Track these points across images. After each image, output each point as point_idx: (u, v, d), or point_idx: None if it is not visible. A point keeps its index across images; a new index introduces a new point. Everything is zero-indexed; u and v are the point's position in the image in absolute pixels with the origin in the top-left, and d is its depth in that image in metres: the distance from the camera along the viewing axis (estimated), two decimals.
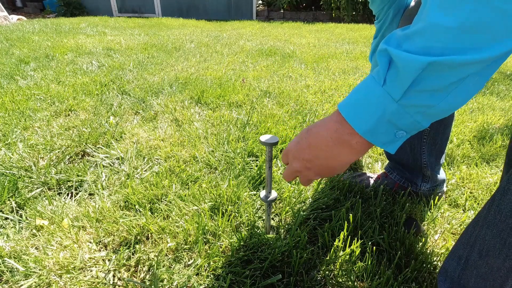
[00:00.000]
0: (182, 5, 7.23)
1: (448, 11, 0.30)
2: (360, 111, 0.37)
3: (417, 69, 0.31)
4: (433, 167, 0.84)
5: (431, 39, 0.31)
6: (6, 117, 1.37)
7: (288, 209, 0.82)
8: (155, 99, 1.66)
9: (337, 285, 0.64)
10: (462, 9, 0.29)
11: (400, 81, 0.33)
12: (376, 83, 0.35)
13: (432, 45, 0.31)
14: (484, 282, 0.44)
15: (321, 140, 0.42)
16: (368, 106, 0.36)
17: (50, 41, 3.26)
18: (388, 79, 0.34)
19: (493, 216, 0.42)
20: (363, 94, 0.37)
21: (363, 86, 0.37)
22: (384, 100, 0.35)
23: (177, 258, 0.68)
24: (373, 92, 0.36)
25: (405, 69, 0.32)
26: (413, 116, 0.35)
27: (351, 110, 0.38)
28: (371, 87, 0.36)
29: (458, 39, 0.30)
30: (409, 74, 0.32)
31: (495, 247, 0.42)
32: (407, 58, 0.32)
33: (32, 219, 0.79)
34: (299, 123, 1.36)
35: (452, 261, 0.50)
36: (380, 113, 0.35)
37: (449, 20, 0.30)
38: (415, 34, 0.32)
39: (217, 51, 3.01)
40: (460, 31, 0.30)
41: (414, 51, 0.32)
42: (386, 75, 0.34)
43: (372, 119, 0.36)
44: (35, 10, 7.92)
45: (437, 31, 0.31)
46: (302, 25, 5.41)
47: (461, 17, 0.29)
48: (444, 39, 0.30)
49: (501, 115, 1.51)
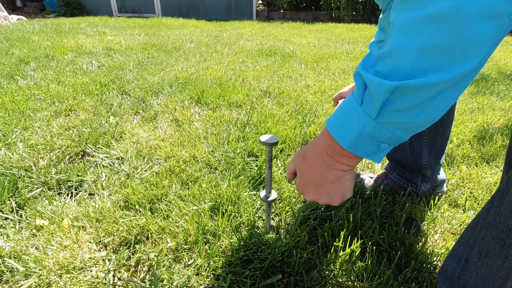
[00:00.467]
0: (182, 5, 7.23)
1: (409, 35, 0.32)
2: (343, 127, 0.40)
3: (384, 92, 0.34)
4: (433, 167, 0.84)
5: (397, 62, 0.33)
6: (6, 117, 1.37)
7: (288, 209, 0.82)
8: (155, 99, 1.66)
9: (337, 285, 0.64)
10: (421, 33, 0.31)
11: (373, 102, 0.36)
12: (356, 102, 0.38)
13: (398, 67, 0.33)
14: (484, 282, 0.44)
15: (317, 157, 0.46)
16: (350, 123, 0.39)
17: (50, 41, 3.26)
18: (365, 99, 0.37)
19: (492, 217, 0.42)
20: (346, 111, 0.40)
21: (346, 104, 0.40)
22: (363, 118, 0.38)
23: (177, 258, 0.68)
24: (354, 110, 0.38)
25: (375, 92, 0.35)
26: (392, 131, 0.38)
27: (336, 125, 0.41)
28: (352, 105, 0.39)
29: (420, 61, 0.32)
30: (379, 96, 0.34)
31: (494, 248, 0.42)
32: (375, 82, 0.34)
33: (32, 219, 0.79)
34: (299, 123, 1.36)
35: (451, 262, 0.50)
36: (360, 129, 0.38)
37: (410, 43, 0.32)
38: (384, 56, 0.35)
39: (217, 51, 3.01)
40: (421, 54, 0.31)
41: (383, 74, 0.34)
42: (363, 95, 0.37)
43: (354, 134, 0.39)
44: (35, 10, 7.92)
45: (401, 54, 0.33)
46: (302, 25, 5.41)
47: (420, 41, 0.31)
48: (408, 61, 0.32)
49: (501, 115, 1.51)
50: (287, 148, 1.16)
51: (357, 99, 0.38)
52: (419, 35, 0.31)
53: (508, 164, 0.56)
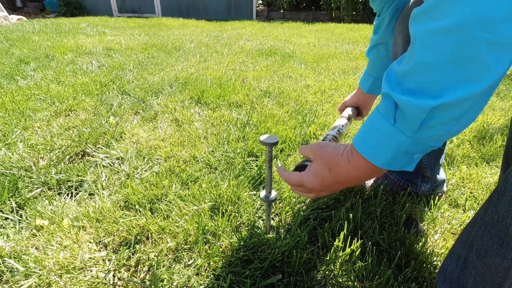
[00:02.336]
0: (182, 5, 7.23)
1: (434, 49, 0.31)
2: (376, 148, 0.40)
3: (422, 113, 0.33)
4: (433, 168, 0.84)
5: (427, 78, 0.32)
6: (6, 117, 1.37)
7: (288, 209, 0.82)
8: (155, 99, 1.66)
9: (337, 285, 0.64)
10: (447, 45, 0.30)
11: (410, 122, 0.35)
12: (387, 122, 0.37)
13: (429, 84, 0.32)
14: (483, 282, 0.44)
15: (351, 178, 0.45)
16: (383, 143, 0.39)
17: (50, 41, 3.26)
18: (397, 119, 0.36)
19: (490, 216, 0.42)
20: (376, 131, 0.39)
21: (374, 123, 0.40)
22: (398, 137, 0.37)
23: (177, 258, 0.68)
24: (386, 131, 0.38)
25: (411, 114, 0.34)
26: (427, 143, 0.37)
27: (367, 147, 0.41)
28: (382, 126, 0.38)
29: (450, 75, 0.31)
30: (417, 117, 0.34)
31: (493, 247, 0.42)
32: (410, 104, 0.34)
33: (32, 219, 0.79)
34: (299, 123, 1.36)
35: (450, 261, 0.50)
36: (395, 148, 0.38)
37: (437, 57, 0.31)
38: (411, 73, 0.34)
39: (217, 51, 3.01)
40: (451, 67, 0.30)
41: (414, 92, 0.34)
42: (395, 115, 0.36)
43: (389, 153, 0.39)
44: (35, 10, 7.92)
45: (429, 69, 0.32)
46: (302, 25, 5.41)
47: (448, 53, 0.30)
48: (438, 76, 0.31)
49: (501, 115, 1.51)
50: (287, 148, 1.16)
51: (389, 119, 0.37)
52: (445, 47, 0.30)
53: (505, 163, 0.56)
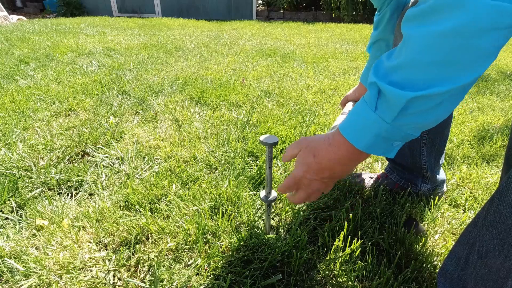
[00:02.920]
0: (182, 5, 7.23)
1: (423, 50, 0.35)
2: (358, 132, 0.44)
3: (402, 101, 0.37)
4: (433, 168, 0.84)
5: (412, 73, 0.37)
6: (6, 117, 1.37)
7: (288, 209, 0.82)
8: (155, 99, 1.66)
9: (337, 285, 0.64)
10: (435, 48, 0.34)
11: (390, 109, 0.39)
12: (369, 108, 0.42)
13: (414, 78, 0.37)
14: (484, 282, 0.44)
15: (336, 161, 0.48)
16: (365, 128, 0.43)
17: (50, 41, 3.26)
18: (379, 106, 0.41)
19: (492, 217, 0.42)
20: (359, 117, 0.44)
21: (358, 110, 0.44)
22: (378, 123, 0.41)
23: (177, 258, 0.68)
24: (368, 116, 0.42)
25: (393, 101, 0.38)
26: (405, 131, 0.41)
27: (350, 131, 0.45)
28: (365, 112, 0.42)
29: (434, 73, 0.35)
30: (397, 105, 0.38)
31: (494, 248, 0.42)
32: (394, 93, 0.38)
33: (32, 219, 0.79)
34: (299, 123, 1.36)
35: (451, 262, 0.50)
36: (375, 133, 0.42)
37: (425, 57, 0.35)
38: (398, 68, 0.38)
39: (217, 51, 3.01)
40: (436, 67, 0.35)
41: (399, 84, 0.38)
42: (377, 102, 0.41)
43: (369, 137, 0.43)
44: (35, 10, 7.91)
45: (416, 66, 0.36)
46: (302, 25, 5.41)
47: (435, 55, 0.34)
48: (423, 73, 0.36)
49: (501, 115, 1.51)
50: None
51: (371, 106, 0.41)
52: (433, 50, 0.34)
53: (507, 163, 0.56)
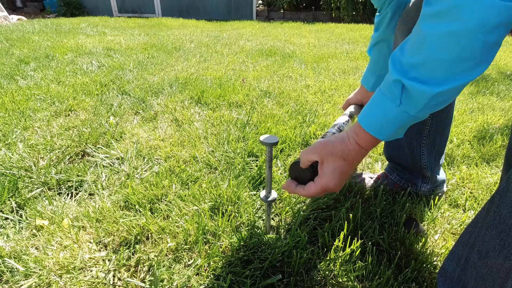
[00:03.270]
0: (182, 5, 7.23)
1: (443, 48, 0.38)
2: (384, 127, 0.47)
3: (428, 97, 0.41)
4: (433, 168, 0.84)
5: (433, 70, 0.40)
6: (6, 117, 1.37)
7: (288, 209, 0.82)
8: (155, 99, 1.66)
9: (337, 285, 0.64)
10: (454, 46, 0.37)
11: (415, 104, 0.43)
12: (394, 104, 0.45)
13: (435, 75, 0.40)
14: (484, 283, 0.44)
15: (361, 157, 0.52)
16: (388, 122, 0.46)
17: (50, 41, 3.26)
18: (403, 101, 0.44)
19: (492, 217, 0.42)
20: (381, 112, 0.47)
21: (380, 106, 0.47)
22: (402, 116, 0.45)
23: (177, 258, 0.68)
24: (391, 110, 0.45)
25: (418, 96, 0.42)
26: (422, 117, 0.45)
27: (376, 128, 0.48)
28: (388, 106, 0.45)
29: (453, 69, 0.39)
30: (423, 100, 0.42)
31: (494, 248, 0.41)
32: (419, 89, 0.41)
33: (32, 219, 0.79)
34: (299, 123, 1.36)
35: (451, 262, 0.50)
36: (398, 125, 0.46)
37: (445, 55, 0.38)
38: (419, 65, 0.41)
39: (217, 51, 3.01)
40: (454, 64, 0.38)
41: (421, 80, 0.41)
42: (401, 97, 0.44)
43: (392, 129, 0.47)
44: (35, 10, 7.91)
45: (437, 64, 0.40)
46: (302, 25, 5.41)
47: (454, 53, 0.38)
48: (443, 70, 0.40)
49: (501, 115, 1.51)
50: (287, 148, 1.16)
51: (395, 101, 0.44)
52: (451, 47, 0.37)
53: (507, 163, 0.56)
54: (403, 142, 0.83)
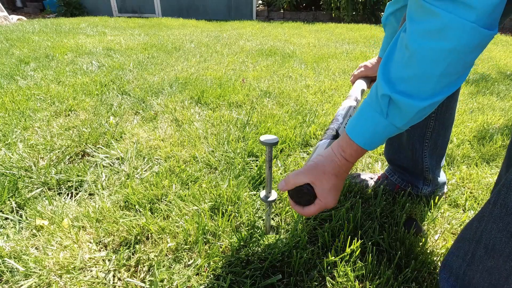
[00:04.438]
0: (182, 5, 7.22)
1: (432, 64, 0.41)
2: (373, 139, 0.50)
3: (415, 111, 0.45)
4: (434, 170, 0.84)
5: (422, 84, 0.43)
6: (6, 117, 1.37)
7: (288, 209, 0.82)
8: (155, 99, 1.66)
9: (337, 285, 0.64)
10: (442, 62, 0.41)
11: (401, 116, 0.46)
12: (382, 116, 0.47)
13: (423, 89, 0.44)
14: (490, 276, 0.44)
15: (349, 168, 0.55)
16: (377, 134, 0.49)
17: (50, 41, 3.26)
18: (390, 114, 0.47)
19: (499, 210, 0.42)
20: (372, 126, 0.49)
21: (369, 119, 0.49)
22: (389, 127, 0.48)
23: (177, 258, 0.68)
24: (380, 124, 0.48)
25: (405, 110, 0.45)
26: (405, 129, 0.49)
27: (366, 140, 0.50)
28: (377, 120, 0.48)
29: (439, 83, 0.43)
30: (410, 113, 0.45)
31: (501, 240, 0.42)
32: (406, 103, 0.44)
33: (32, 219, 0.79)
34: (299, 123, 1.36)
35: (456, 258, 0.50)
36: (386, 135, 0.49)
37: (433, 70, 0.42)
38: (409, 79, 0.44)
39: (217, 51, 3.01)
40: (441, 78, 0.42)
41: (408, 93, 0.44)
42: (388, 110, 0.47)
43: (380, 140, 0.50)
44: (35, 10, 7.91)
45: (425, 78, 0.43)
46: (302, 25, 5.41)
47: (441, 68, 0.41)
48: (431, 84, 0.43)
49: (501, 115, 1.51)
50: (287, 148, 1.16)
51: (383, 114, 0.47)
52: (441, 63, 0.41)
53: (508, 158, 0.56)
54: (404, 144, 0.83)
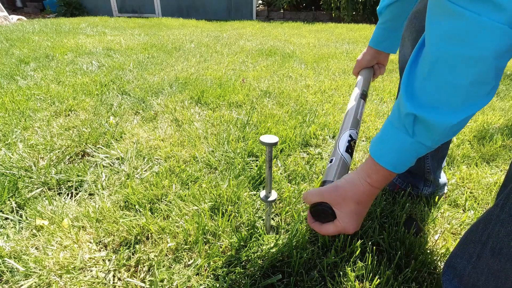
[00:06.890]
0: (182, 5, 7.23)
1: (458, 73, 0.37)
2: (401, 161, 0.45)
3: (445, 127, 0.40)
4: (435, 172, 0.84)
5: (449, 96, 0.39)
6: (6, 117, 1.37)
7: (288, 209, 0.82)
8: (155, 99, 1.66)
9: (337, 285, 0.64)
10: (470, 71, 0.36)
11: (430, 135, 0.42)
12: (408, 136, 0.43)
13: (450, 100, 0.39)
14: (496, 279, 0.44)
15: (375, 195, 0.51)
16: (406, 156, 0.45)
17: (50, 41, 3.26)
18: (416, 132, 0.42)
19: (507, 213, 0.42)
20: (399, 147, 0.45)
21: (395, 141, 0.45)
22: (418, 147, 0.44)
23: (177, 258, 0.68)
24: (407, 144, 0.44)
25: (434, 127, 0.40)
26: (436, 146, 0.44)
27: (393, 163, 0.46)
28: (404, 140, 0.44)
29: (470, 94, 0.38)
30: (439, 130, 0.40)
31: (509, 244, 0.42)
32: (435, 120, 0.40)
33: (32, 219, 0.79)
34: (299, 123, 1.36)
35: (461, 259, 0.50)
36: (415, 156, 0.45)
37: (460, 80, 0.37)
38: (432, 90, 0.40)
39: (217, 51, 3.01)
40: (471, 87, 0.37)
41: (434, 106, 0.40)
42: (414, 129, 0.42)
43: (410, 162, 0.45)
44: (35, 10, 7.91)
45: (453, 88, 0.38)
46: (302, 25, 5.41)
47: (470, 78, 0.37)
48: (460, 95, 0.38)
49: (501, 115, 1.51)
50: (287, 148, 1.16)
51: (409, 134, 0.43)
52: (469, 72, 0.37)
53: None
54: None
